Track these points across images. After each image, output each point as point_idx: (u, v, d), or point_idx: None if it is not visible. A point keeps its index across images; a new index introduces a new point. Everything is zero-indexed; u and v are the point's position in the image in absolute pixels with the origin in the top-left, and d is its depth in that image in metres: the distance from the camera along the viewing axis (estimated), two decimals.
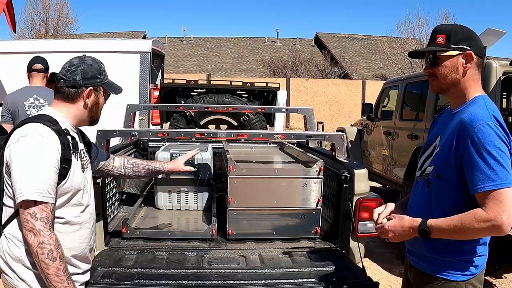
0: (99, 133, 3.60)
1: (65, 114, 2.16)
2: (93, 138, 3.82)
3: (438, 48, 2.04)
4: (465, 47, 1.99)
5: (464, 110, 1.99)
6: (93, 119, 2.27)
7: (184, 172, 3.11)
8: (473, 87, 2.03)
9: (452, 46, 2.00)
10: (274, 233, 3.50)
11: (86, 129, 2.41)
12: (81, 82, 2.14)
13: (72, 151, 2.07)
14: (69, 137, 2.08)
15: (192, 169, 3.12)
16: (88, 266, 2.28)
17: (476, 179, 1.83)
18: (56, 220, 2.02)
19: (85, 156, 2.28)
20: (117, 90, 2.33)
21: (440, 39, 2.04)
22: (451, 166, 1.94)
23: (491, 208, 1.80)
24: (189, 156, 3.13)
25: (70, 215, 2.08)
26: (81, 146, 2.24)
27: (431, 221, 1.92)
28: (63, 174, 2.00)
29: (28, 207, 1.88)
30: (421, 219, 1.95)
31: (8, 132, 2.09)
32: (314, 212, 3.51)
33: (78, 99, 2.16)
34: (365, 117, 8.17)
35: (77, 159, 2.12)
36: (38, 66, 4.60)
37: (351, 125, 9.39)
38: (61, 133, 2.03)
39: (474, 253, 1.98)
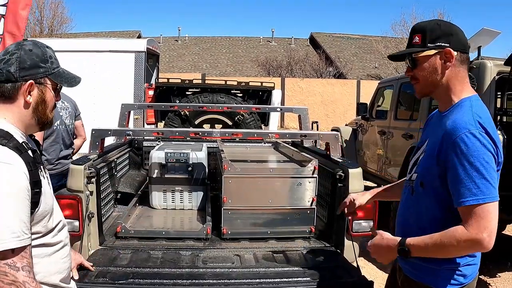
0: (93, 132, 3.60)
1: (10, 119, 1.68)
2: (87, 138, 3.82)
3: (413, 49, 1.93)
4: (443, 44, 1.87)
5: (449, 115, 1.87)
6: (42, 122, 1.76)
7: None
8: (458, 87, 1.90)
9: (428, 45, 1.89)
10: (269, 232, 3.50)
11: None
12: (17, 74, 1.65)
13: (38, 169, 1.66)
14: (29, 151, 1.64)
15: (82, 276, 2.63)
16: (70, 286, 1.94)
17: (458, 193, 1.73)
18: (40, 248, 1.69)
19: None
20: (71, 81, 1.80)
21: (416, 38, 1.93)
22: (434, 175, 1.84)
23: (472, 225, 1.70)
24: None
25: (50, 237, 1.75)
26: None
27: (409, 240, 1.84)
28: (35, 201, 1.61)
29: (4, 258, 1.49)
30: (400, 238, 1.87)
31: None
32: (308, 211, 3.51)
33: (17, 96, 1.67)
34: (360, 116, 8.18)
35: (43, 177, 1.71)
36: None
37: (346, 125, 9.40)
38: (21, 149, 1.60)
39: (462, 261, 1.86)
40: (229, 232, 3.45)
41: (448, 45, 1.87)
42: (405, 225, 2.04)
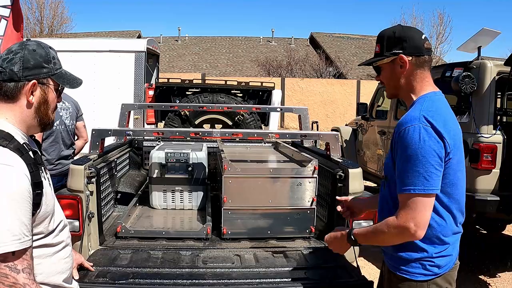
0: (93, 132, 3.60)
1: (11, 119, 1.66)
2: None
3: (374, 59, 2.07)
4: (397, 51, 1.98)
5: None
6: (43, 123, 1.75)
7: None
8: (418, 87, 2.00)
9: (385, 53, 2.01)
10: (269, 232, 3.50)
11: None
12: (21, 73, 1.64)
13: (39, 170, 1.63)
14: (30, 152, 1.63)
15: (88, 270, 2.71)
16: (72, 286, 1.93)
17: (397, 183, 1.87)
18: (42, 248, 1.69)
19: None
20: (73, 82, 1.80)
21: (377, 48, 2.07)
22: (392, 169, 1.96)
23: (400, 214, 1.82)
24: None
25: (52, 237, 1.74)
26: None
27: (356, 230, 2.03)
28: (36, 202, 1.59)
29: (5, 260, 1.47)
30: (349, 229, 2.08)
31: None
32: (308, 211, 3.51)
33: (19, 96, 1.66)
34: (360, 116, 8.18)
35: (45, 178, 1.69)
36: None
37: (346, 125, 9.40)
38: (22, 151, 1.58)
39: (434, 252, 1.91)
40: (229, 232, 3.45)
41: (401, 51, 1.98)
42: (380, 218, 2.11)
